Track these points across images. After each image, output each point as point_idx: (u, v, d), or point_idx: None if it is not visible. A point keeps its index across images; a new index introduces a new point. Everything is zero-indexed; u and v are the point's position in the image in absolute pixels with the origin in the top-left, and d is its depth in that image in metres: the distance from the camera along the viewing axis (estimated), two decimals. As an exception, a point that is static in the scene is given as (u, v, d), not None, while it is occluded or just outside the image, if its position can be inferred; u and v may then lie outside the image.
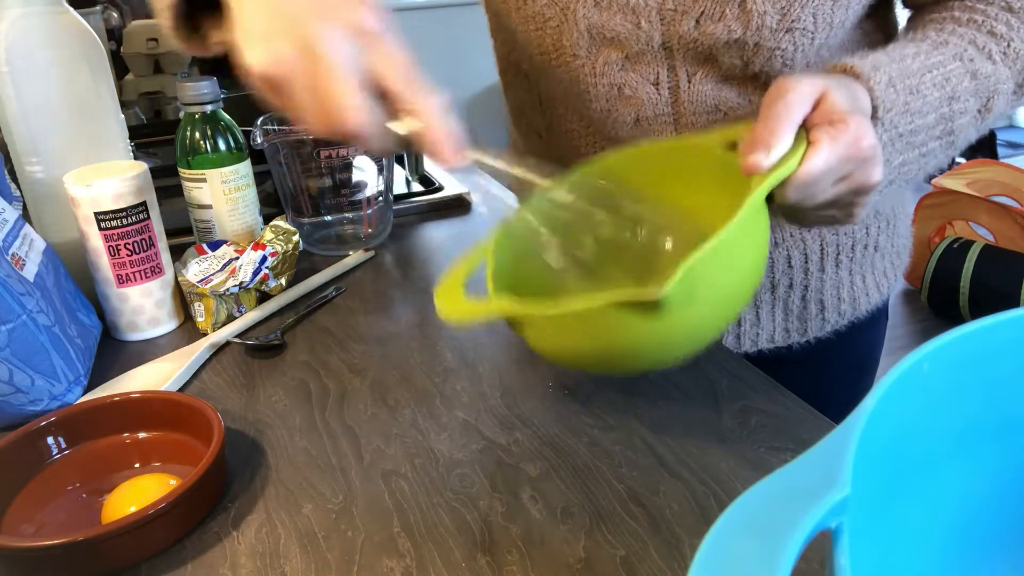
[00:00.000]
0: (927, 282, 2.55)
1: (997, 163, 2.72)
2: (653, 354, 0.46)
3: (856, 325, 0.74)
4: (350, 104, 0.40)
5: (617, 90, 0.62)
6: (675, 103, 0.62)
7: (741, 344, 0.73)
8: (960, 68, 0.53)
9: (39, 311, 0.56)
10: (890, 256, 0.74)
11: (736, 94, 0.61)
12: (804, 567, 0.41)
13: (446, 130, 0.42)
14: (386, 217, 0.85)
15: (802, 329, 0.72)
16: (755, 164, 0.45)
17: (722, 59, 0.59)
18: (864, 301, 0.73)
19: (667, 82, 0.61)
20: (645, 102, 0.62)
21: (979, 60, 0.54)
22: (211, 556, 0.44)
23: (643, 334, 0.44)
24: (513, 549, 0.44)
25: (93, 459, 0.52)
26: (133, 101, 1.48)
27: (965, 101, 0.54)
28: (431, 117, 0.42)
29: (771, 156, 0.45)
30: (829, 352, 0.74)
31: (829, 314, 0.72)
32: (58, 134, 0.67)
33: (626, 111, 0.63)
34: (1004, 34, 0.55)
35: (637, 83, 0.61)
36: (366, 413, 0.56)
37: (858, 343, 0.76)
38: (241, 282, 0.69)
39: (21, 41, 0.64)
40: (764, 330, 0.72)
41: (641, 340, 0.44)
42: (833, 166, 0.45)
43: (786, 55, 0.58)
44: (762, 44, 0.57)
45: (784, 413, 0.54)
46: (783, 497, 0.24)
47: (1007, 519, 0.35)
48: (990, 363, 0.32)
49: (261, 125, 0.77)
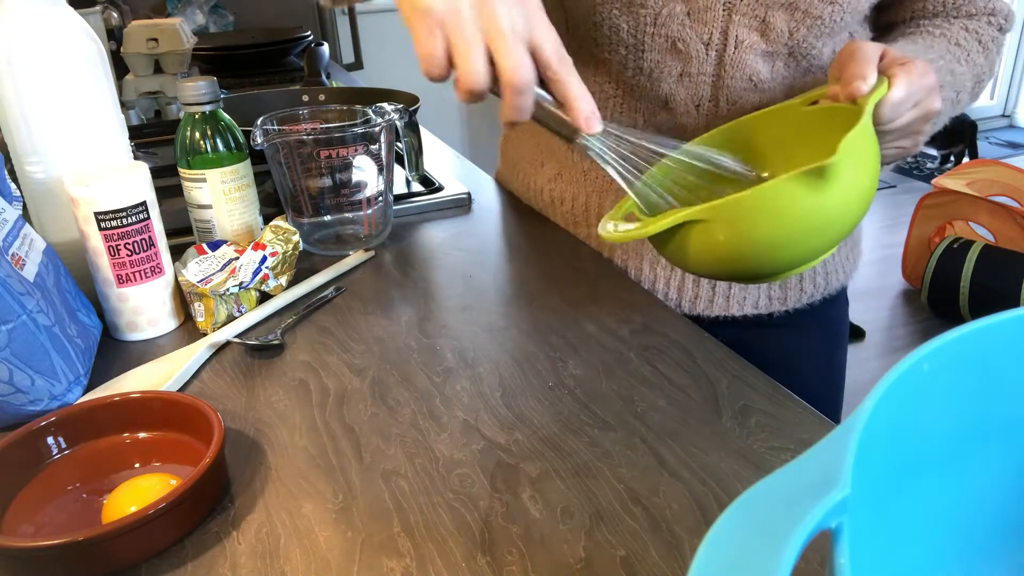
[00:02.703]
0: (927, 282, 2.55)
1: (997, 163, 2.71)
2: (818, 236, 0.52)
3: (825, 301, 0.85)
4: (522, 60, 0.47)
5: (672, 43, 0.70)
6: (718, 64, 0.70)
7: (729, 306, 0.80)
8: (946, 66, 0.66)
9: (39, 311, 0.56)
10: (851, 242, 0.87)
11: (768, 69, 0.71)
12: (804, 567, 0.41)
13: (586, 101, 0.50)
14: (386, 217, 0.85)
15: (783, 298, 0.82)
16: (857, 89, 0.55)
17: (773, 23, 0.68)
18: (833, 278, 0.85)
19: (716, 44, 0.69)
20: (693, 58, 0.70)
21: (954, 62, 0.68)
22: (211, 556, 0.44)
23: (812, 210, 0.50)
24: (513, 549, 0.44)
25: (93, 459, 0.52)
26: (133, 101, 1.48)
27: (947, 91, 0.66)
28: (575, 88, 0.50)
29: (868, 82, 0.55)
30: (803, 320, 0.84)
31: (806, 285, 0.82)
32: (58, 134, 0.67)
33: (674, 65, 0.71)
34: (964, 46, 0.69)
35: (690, 39, 0.69)
36: (366, 413, 0.56)
37: (828, 316, 0.87)
38: (241, 282, 0.69)
39: (21, 41, 0.64)
40: (750, 295, 0.80)
41: (811, 217, 0.50)
42: (912, 91, 0.56)
43: (823, 27, 0.68)
44: (809, 11, 0.67)
45: (784, 413, 0.54)
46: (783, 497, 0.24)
47: (1007, 519, 0.35)
48: (990, 363, 0.32)
49: (261, 125, 0.77)
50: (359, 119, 0.83)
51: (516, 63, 0.47)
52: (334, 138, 0.77)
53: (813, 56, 0.70)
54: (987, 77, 0.73)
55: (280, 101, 1.06)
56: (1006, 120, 4.58)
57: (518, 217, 0.91)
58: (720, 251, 0.52)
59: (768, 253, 0.51)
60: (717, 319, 0.80)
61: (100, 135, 0.70)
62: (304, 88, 1.14)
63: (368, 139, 0.79)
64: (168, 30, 1.45)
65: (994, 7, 0.72)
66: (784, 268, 0.53)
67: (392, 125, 0.81)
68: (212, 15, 2.20)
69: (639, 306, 0.70)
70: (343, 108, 0.85)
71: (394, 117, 0.81)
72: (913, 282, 2.77)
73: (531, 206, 0.92)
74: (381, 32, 2.85)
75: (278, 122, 0.80)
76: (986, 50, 0.71)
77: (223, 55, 1.84)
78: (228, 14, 2.23)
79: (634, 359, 0.62)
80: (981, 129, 4.41)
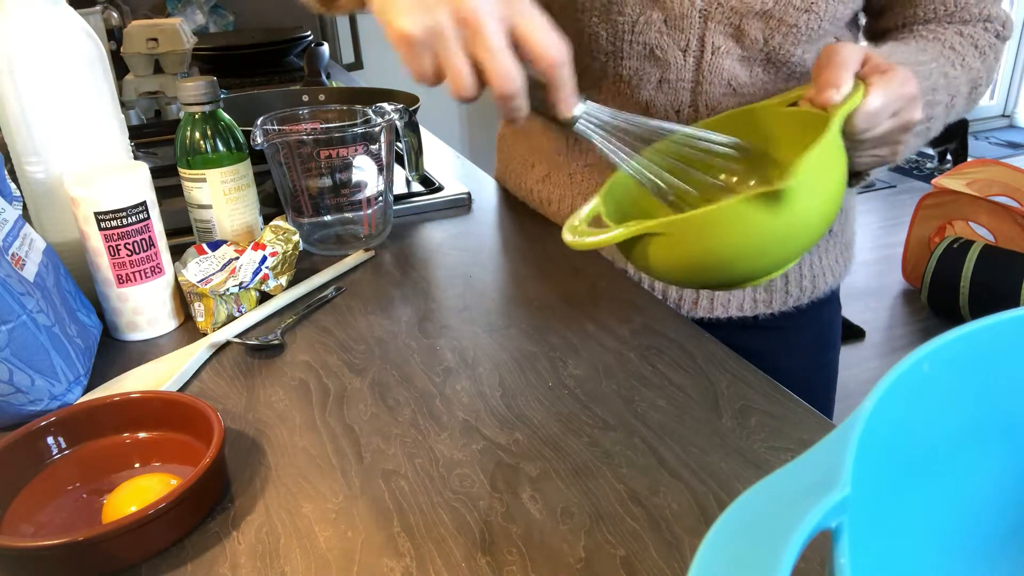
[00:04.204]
0: (927, 282, 2.55)
1: (997, 163, 2.71)
2: (774, 252, 0.51)
3: (813, 303, 0.84)
4: (508, 69, 0.46)
5: (650, 51, 0.70)
6: (697, 71, 0.70)
7: (714, 309, 0.80)
8: (938, 69, 0.65)
9: (39, 311, 0.56)
10: (840, 245, 0.85)
11: (747, 74, 0.71)
12: (804, 567, 0.41)
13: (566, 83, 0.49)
14: (386, 217, 0.85)
15: (768, 300, 0.81)
16: (829, 98, 0.53)
17: (748, 31, 0.68)
18: (821, 281, 0.83)
19: (694, 50, 0.70)
20: (672, 65, 0.70)
21: (947, 65, 0.67)
22: (211, 556, 0.44)
23: (768, 230, 0.50)
24: (513, 549, 0.44)
25: (93, 459, 0.52)
26: (133, 101, 1.48)
27: (940, 94, 0.65)
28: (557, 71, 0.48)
29: (841, 91, 0.53)
30: (790, 322, 0.83)
31: (792, 288, 0.82)
32: (58, 134, 0.67)
33: (653, 72, 0.71)
34: (959, 50, 0.68)
35: (668, 46, 0.70)
36: (366, 413, 0.56)
37: (816, 319, 0.86)
38: (241, 282, 0.69)
39: (21, 41, 0.64)
40: (735, 297, 0.80)
41: (765, 236, 0.50)
42: (889, 101, 0.54)
43: (799, 35, 0.68)
44: (784, 19, 0.67)
45: (784, 413, 0.54)
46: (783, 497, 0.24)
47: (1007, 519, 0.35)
48: (990, 363, 0.32)
49: (261, 125, 0.77)
50: (359, 119, 0.83)
51: (502, 74, 0.47)
52: (334, 138, 0.77)
53: (794, 62, 0.70)
54: (984, 83, 0.71)
55: (280, 101, 1.06)
56: (1006, 120, 4.58)
57: (518, 217, 0.91)
58: (679, 263, 0.52)
59: (726, 267, 0.51)
60: (702, 321, 0.80)
61: (100, 135, 0.70)
62: (304, 88, 1.14)
63: (368, 139, 0.79)
64: (168, 30, 1.45)
65: (990, 14, 0.71)
66: (746, 279, 0.53)
67: (392, 125, 0.81)
68: (212, 15, 2.20)
69: (639, 306, 0.70)
70: (343, 108, 0.85)
71: (394, 117, 0.81)
72: (913, 282, 2.77)
73: (527, 205, 0.92)
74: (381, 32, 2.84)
75: (278, 122, 0.80)
76: (983, 55, 0.70)
77: (223, 55, 1.84)
78: (228, 14, 2.23)
79: (634, 359, 0.62)
80: (981, 129, 4.41)
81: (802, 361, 0.86)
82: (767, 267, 0.53)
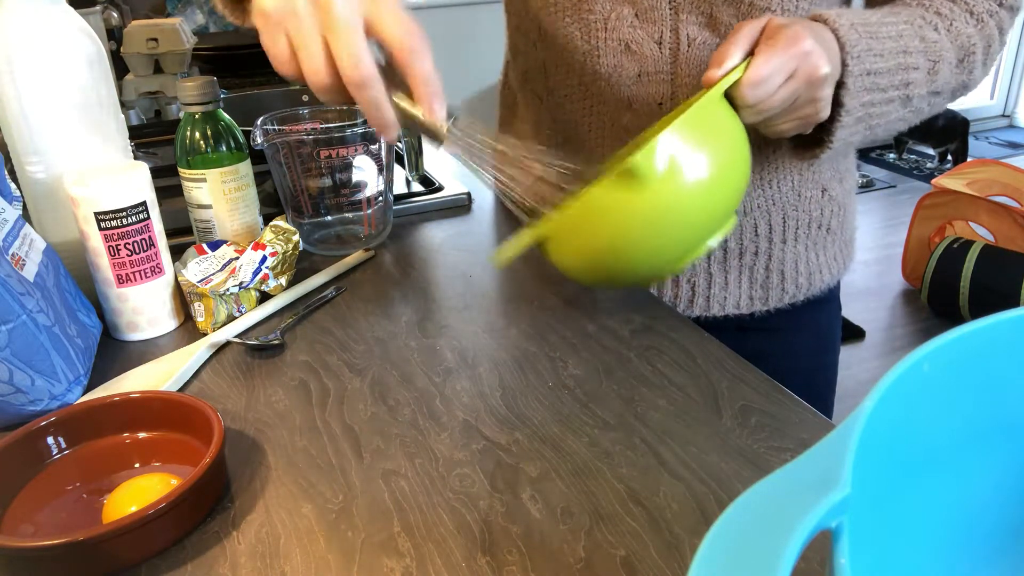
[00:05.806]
0: (927, 282, 2.55)
1: (997, 163, 2.71)
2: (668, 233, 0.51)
3: (811, 302, 0.83)
4: (358, 53, 0.46)
5: (625, 46, 0.70)
6: (674, 63, 0.70)
7: (710, 307, 0.80)
8: (910, 30, 0.63)
9: (39, 311, 0.56)
10: (839, 242, 0.84)
11: None
12: (804, 567, 0.41)
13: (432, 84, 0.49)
14: (386, 217, 0.85)
15: (764, 298, 0.81)
16: (709, 76, 0.54)
17: (721, 18, 0.67)
18: (818, 279, 0.82)
19: (669, 42, 0.69)
20: (648, 58, 0.70)
21: (926, 28, 0.64)
22: (211, 556, 0.44)
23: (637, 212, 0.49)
24: (513, 549, 0.44)
25: (93, 459, 0.52)
26: (133, 101, 1.48)
27: (916, 57, 0.63)
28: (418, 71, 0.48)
29: (722, 68, 0.54)
30: (787, 321, 0.83)
31: (788, 285, 0.81)
32: (58, 134, 0.67)
33: (631, 66, 0.71)
34: (946, 15, 0.66)
35: (642, 40, 0.69)
36: (366, 413, 0.56)
37: (814, 319, 0.85)
38: (241, 282, 0.69)
39: (21, 41, 0.64)
40: (731, 295, 0.79)
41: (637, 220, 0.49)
42: (776, 65, 0.53)
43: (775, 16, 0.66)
44: (756, 3, 0.66)
45: (784, 413, 0.54)
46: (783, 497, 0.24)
47: (1007, 519, 0.35)
48: (990, 363, 0.32)
49: (261, 125, 0.77)
50: (359, 119, 0.83)
51: (351, 58, 0.46)
52: (334, 138, 0.77)
53: None
54: (982, 52, 0.67)
55: (280, 101, 1.06)
56: (1006, 120, 4.58)
57: (518, 217, 0.91)
58: (581, 261, 0.52)
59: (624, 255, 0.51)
60: (698, 320, 0.80)
61: (100, 135, 0.70)
62: (304, 88, 1.14)
63: (368, 139, 0.79)
64: (168, 30, 1.45)
65: None
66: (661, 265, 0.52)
67: (392, 125, 0.81)
68: (212, 15, 2.20)
69: (639, 306, 0.70)
70: (343, 108, 0.85)
71: (394, 117, 0.81)
72: (913, 282, 2.77)
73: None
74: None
75: (278, 122, 0.80)
76: (980, 22, 0.66)
77: (223, 55, 1.84)
78: (228, 14, 2.23)
79: (634, 359, 0.62)
80: (981, 129, 4.41)
81: (802, 364, 0.86)
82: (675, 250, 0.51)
